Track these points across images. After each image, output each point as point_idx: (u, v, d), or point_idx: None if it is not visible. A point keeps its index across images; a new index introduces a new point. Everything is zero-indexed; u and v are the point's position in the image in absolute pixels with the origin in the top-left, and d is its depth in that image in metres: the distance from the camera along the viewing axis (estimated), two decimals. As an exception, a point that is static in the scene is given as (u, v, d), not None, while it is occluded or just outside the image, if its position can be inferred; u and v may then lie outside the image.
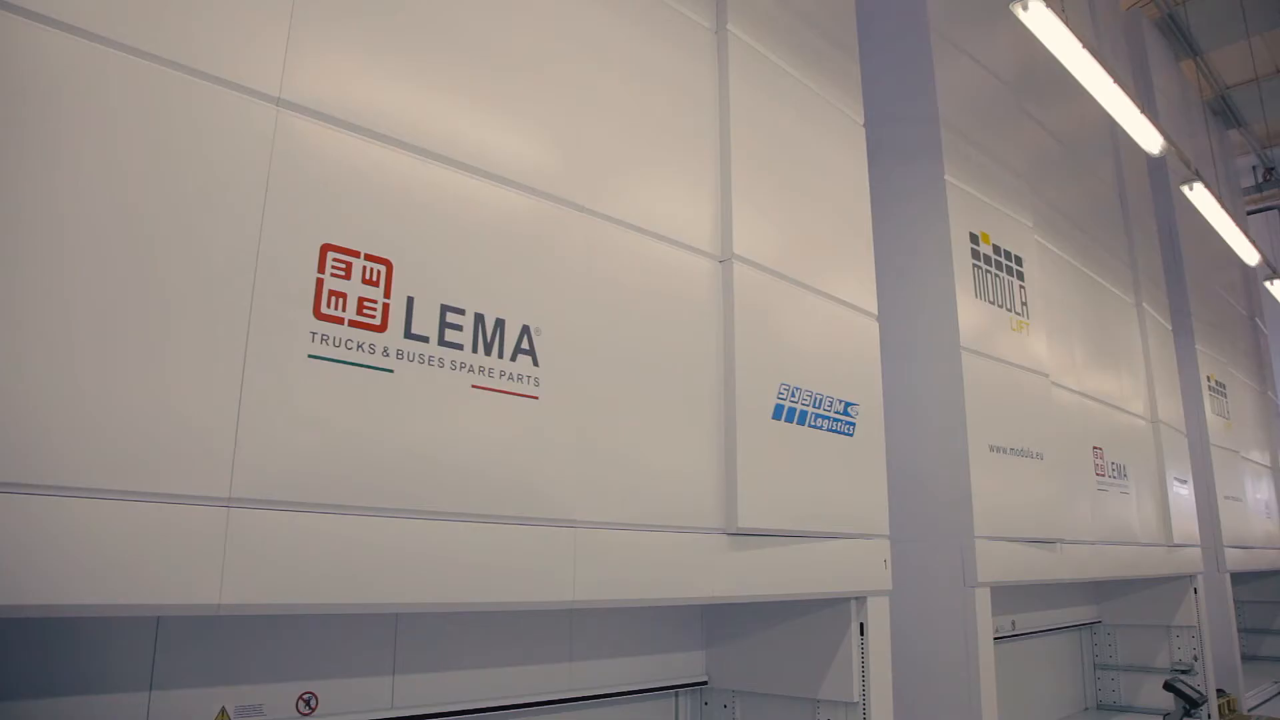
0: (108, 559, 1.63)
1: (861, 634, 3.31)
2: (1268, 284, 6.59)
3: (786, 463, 3.02)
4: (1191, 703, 5.68)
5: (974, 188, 4.59)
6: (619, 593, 2.51)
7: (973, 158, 4.67)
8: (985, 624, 4.01)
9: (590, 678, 3.33)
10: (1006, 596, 5.52)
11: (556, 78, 2.66)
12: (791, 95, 3.50)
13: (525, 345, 2.40)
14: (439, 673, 2.91)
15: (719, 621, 3.70)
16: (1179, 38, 9.80)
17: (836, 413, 3.26)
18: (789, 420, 3.04)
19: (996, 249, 4.62)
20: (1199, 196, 4.89)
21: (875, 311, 3.63)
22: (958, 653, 4.01)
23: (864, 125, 3.88)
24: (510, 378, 2.35)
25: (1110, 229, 6.55)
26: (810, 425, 3.14)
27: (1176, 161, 5.33)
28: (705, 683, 3.72)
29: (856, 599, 3.32)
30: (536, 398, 2.40)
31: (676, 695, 3.73)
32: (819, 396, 3.19)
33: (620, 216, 2.73)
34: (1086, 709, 6.75)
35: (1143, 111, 4.01)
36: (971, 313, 4.31)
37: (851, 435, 3.33)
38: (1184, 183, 4.82)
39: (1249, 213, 13.68)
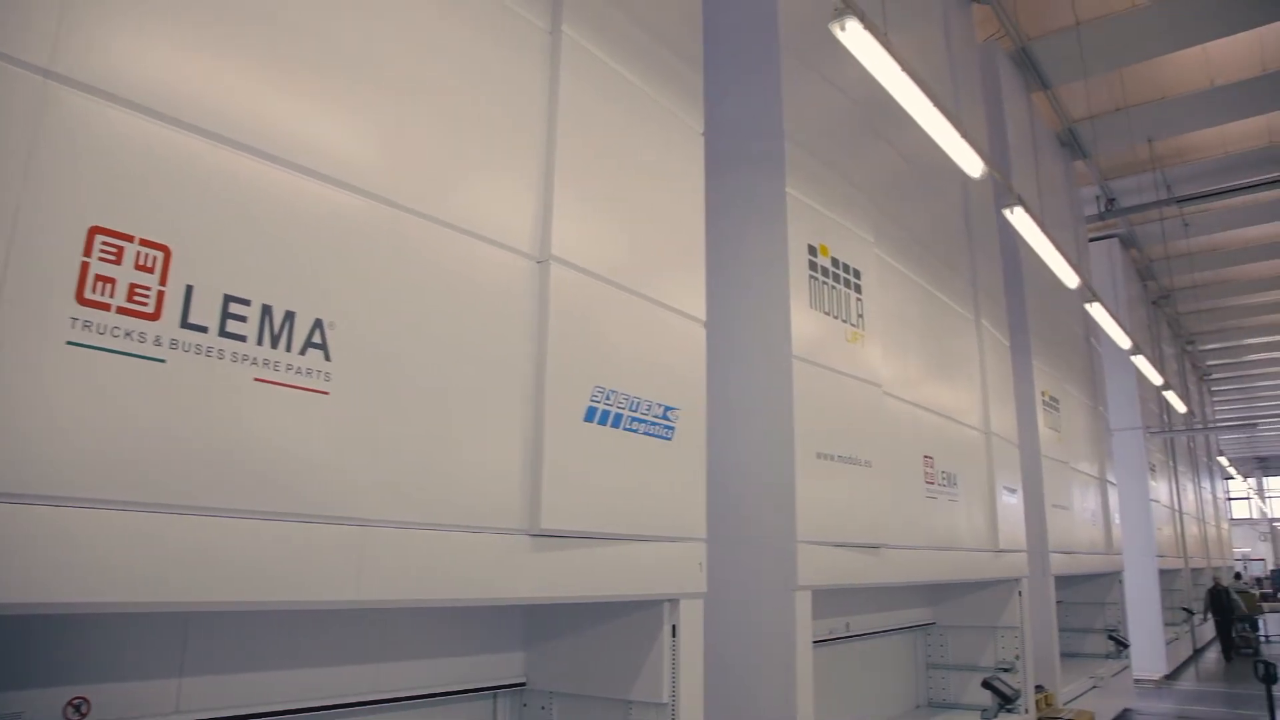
0: None
1: (674, 636, 3.35)
2: (1087, 306, 6.98)
3: (598, 465, 3.03)
4: (1006, 699, 6.00)
5: (816, 201, 4.71)
6: (410, 593, 2.47)
7: (816, 172, 4.80)
8: (805, 626, 4.12)
9: (402, 679, 3.28)
10: (841, 599, 5.71)
11: (375, 69, 2.60)
12: (627, 100, 3.52)
13: (317, 339, 2.34)
14: (233, 675, 2.81)
15: (539, 622, 3.69)
16: (1031, 71, 10.33)
17: (655, 417, 3.30)
18: (603, 423, 3.06)
19: (835, 261, 4.76)
20: (1019, 219, 5.15)
21: (703, 318, 3.68)
22: (779, 654, 4.11)
23: (703, 134, 3.94)
24: (298, 372, 2.29)
25: (954, 248, 6.84)
26: (626, 428, 3.16)
27: (1006, 186, 5.60)
28: (524, 684, 3.71)
29: (670, 601, 3.36)
30: (327, 393, 2.34)
31: (495, 696, 3.70)
32: (636, 400, 3.22)
33: (433, 213, 2.69)
34: (918, 706, 7.03)
35: (963, 136, 4.18)
36: (806, 322, 4.43)
37: (670, 439, 3.37)
38: (1005, 206, 5.05)
39: (1091, 239, 14.55)
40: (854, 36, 3.35)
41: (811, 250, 4.56)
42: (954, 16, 8.04)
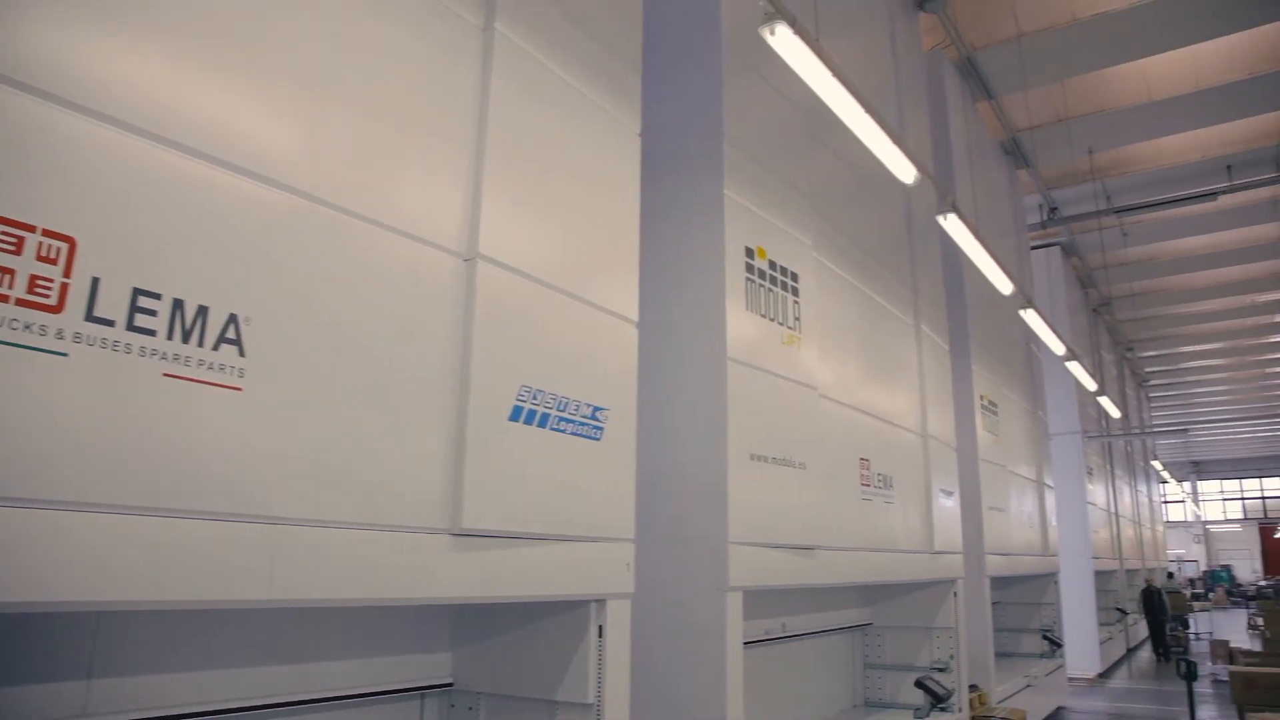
0: None
1: (600, 636, 3.35)
2: (1022, 313, 7.12)
3: (523, 465, 3.02)
4: (938, 698, 6.10)
5: (754, 203, 4.74)
6: (326, 592, 2.44)
7: (756, 175, 4.83)
8: (735, 627, 4.14)
9: (325, 679, 3.23)
10: (778, 599, 5.75)
11: (298, 63, 2.56)
12: (561, 99, 3.51)
13: (231, 335, 2.30)
14: (148, 675, 2.75)
15: (466, 623, 3.67)
16: (976, 80, 10.51)
17: (584, 417, 3.30)
18: (529, 422, 3.05)
19: (773, 264, 4.79)
20: (953, 226, 5.22)
21: (636, 318, 3.68)
22: (710, 655, 4.12)
23: (640, 134, 3.94)
24: (210, 367, 2.24)
25: (895, 253, 6.93)
26: (553, 428, 3.15)
27: (941, 192, 5.69)
28: (451, 684, 3.68)
29: (596, 602, 3.36)
30: (240, 389, 2.30)
31: (422, 697, 3.67)
32: (564, 400, 3.21)
33: (356, 209, 2.65)
34: (855, 706, 7.12)
35: (896, 143, 4.23)
36: (742, 325, 4.45)
37: (599, 439, 3.37)
38: (940, 213, 5.13)
39: (1034, 247, 14.86)
40: (784, 41, 3.36)
41: (749, 253, 4.59)
42: (900, 24, 8.15)
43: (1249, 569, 44.51)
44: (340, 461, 2.49)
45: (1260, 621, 18.70)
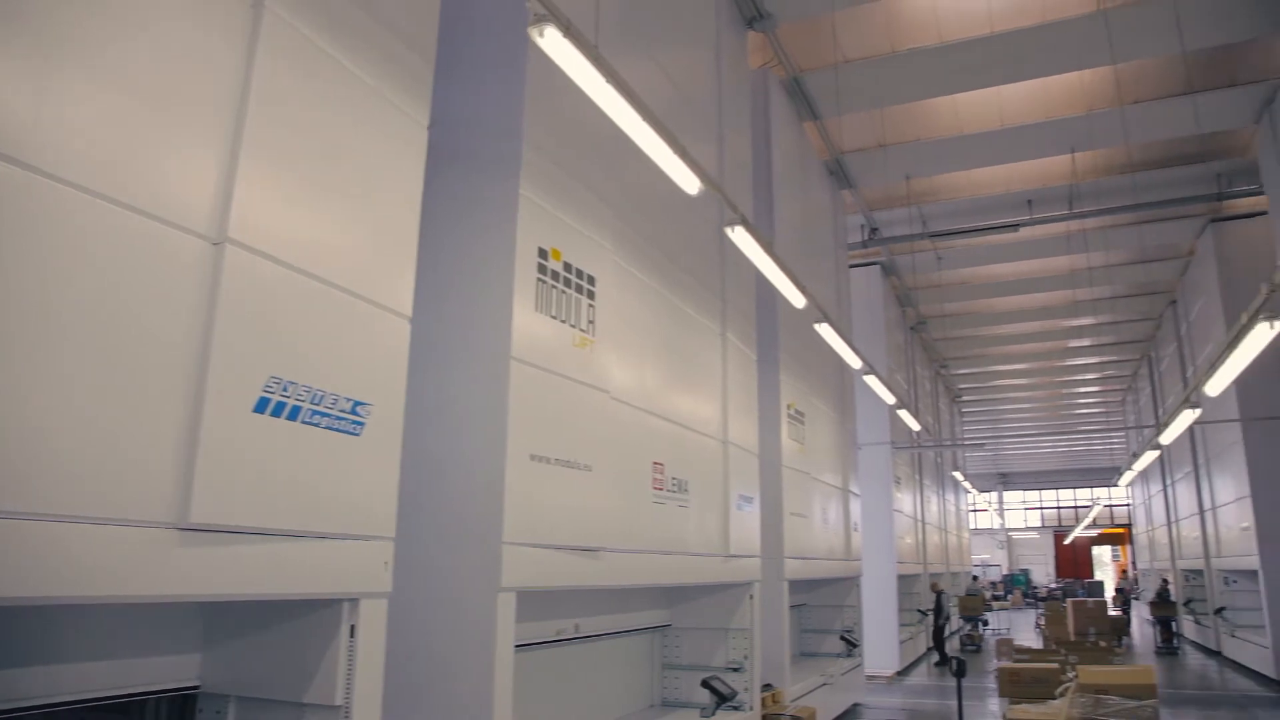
0: None
1: (352, 636, 3.27)
2: (816, 326, 7.45)
3: (269, 458, 2.90)
4: (723, 697, 6.29)
5: (552, 205, 4.75)
6: (27, 589, 2.26)
7: (557, 177, 4.84)
8: (507, 629, 4.13)
9: (55, 683, 3.01)
10: (572, 600, 5.78)
11: (28, 24, 2.37)
12: (339, 85, 3.40)
13: (-80, 310, 2.11)
14: None
15: (215, 623, 3.50)
16: (802, 101, 10.93)
17: (342, 411, 3.20)
18: (276, 414, 2.93)
19: (568, 266, 4.81)
20: (740, 238, 5.38)
21: (409, 313, 3.61)
22: (480, 657, 4.09)
23: (429, 128, 3.88)
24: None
25: (705, 263, 7.10)
26: (306, 421, 3.05)
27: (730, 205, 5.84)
28: (197, 687, 3.51)
29: (349, 601, 3.27)
30: (-80, 369, 2.11)
31: (161, 702, 3.48)
32: (320, 393, 3.11)
33: (90, 185, 2.47)
34: (652, 705, 7.24)
35: (679, 155, 4.33)
36: (529, 325, 4.45)
37: (359, 435, 3.28)
38: (727, 225, 5.29)
39: (855, 265, 15.58)
40: (554, 44, 3.37)
41: (542, 253, 4.59)
42: (727, 40, 8.37)
43: (1044, 573, 48.23)
44: (45, 450, 2.31)
45: (1043, 621, 20.25)
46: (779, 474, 8.66)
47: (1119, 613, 23.36)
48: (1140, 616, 27.47)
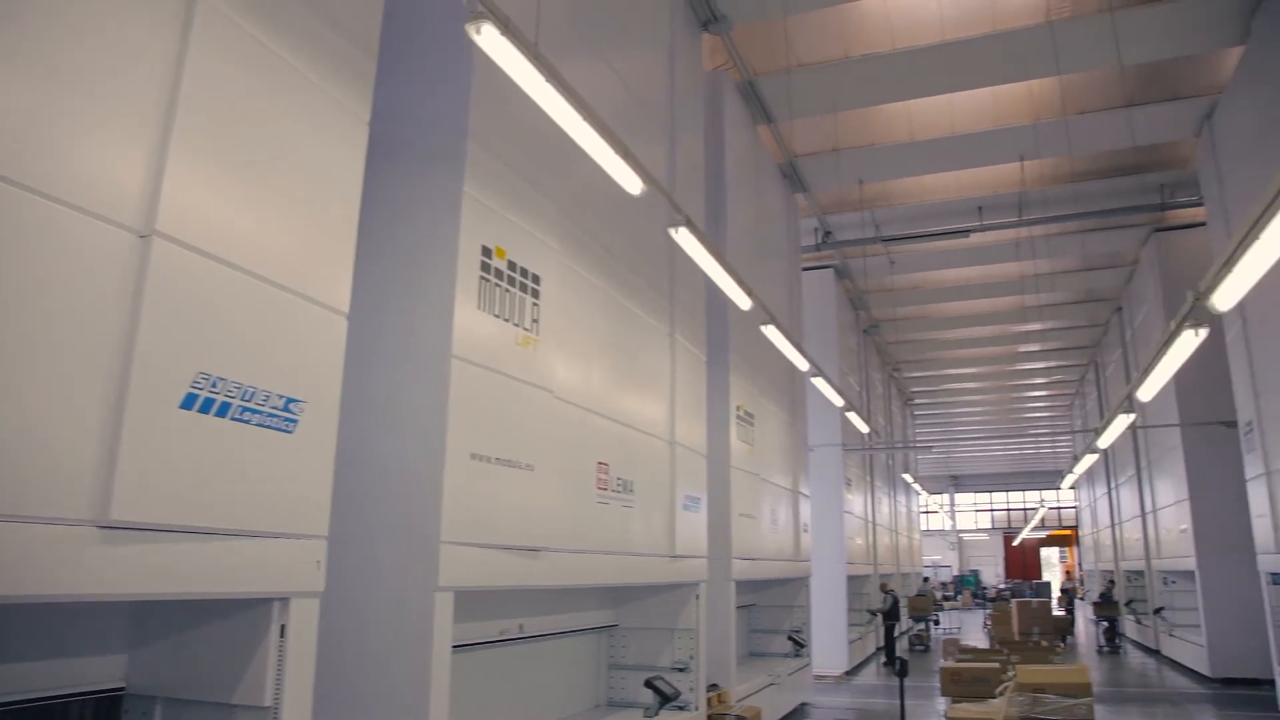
0: None
1: (282, 636, 3.23)
2: (763, 328, 7.51)
3: (196, 455, 2.85)
4: (666, 697, 6.30)
5: (497, 203, 4.73)
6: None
7: (503, 175, 4.82)
8: (444, 628, 4.10)
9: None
10: (516, 600, 5.76)
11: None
12: (277, 78, 3.36)
13: None
14: None
15: (143, 623, 3.44)
16: (757, 104, 11.00)
17: (274, 408, 3.17)
18: (205, 411, 2.89)
19: (512, 265, 4.80)
20: (684, 239, 5.40)
21: (346, 309, 3.58)
22: (417, 656, 4.06)
23: (370, 123, 3.84)
24: None
25: (654, 265, 7.12)
26: (235, 418, 3.01)
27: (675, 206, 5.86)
28: (123, 689, 3.44)
29: (280, 600, 3.23)
30: None
31: (86, 704, 3.41)
32: (252, 390, 3.07)
33: (10, 175, 2.42)
34: (598, 705, 7.24)
35: (625, 157, 4.33)
36: (471, 323, 4.43)
37: (292, 432, 3.24)
38: (671, 226, 5.31)
39: (810, 268, 15.72)
40: (492, 42, 3.36)
41: (486, 251, 4.57)
42: (681, 41, 8.39)
43: (994, 573, 49.02)
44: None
45: (990, 621, 20.57)
46: (727, 475, 8.70)
47: (1063, 613, 23.81)
48: (1085, 616, 28.04)
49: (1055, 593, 37.88)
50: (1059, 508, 47.80)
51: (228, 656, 3.27)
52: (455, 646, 4.83)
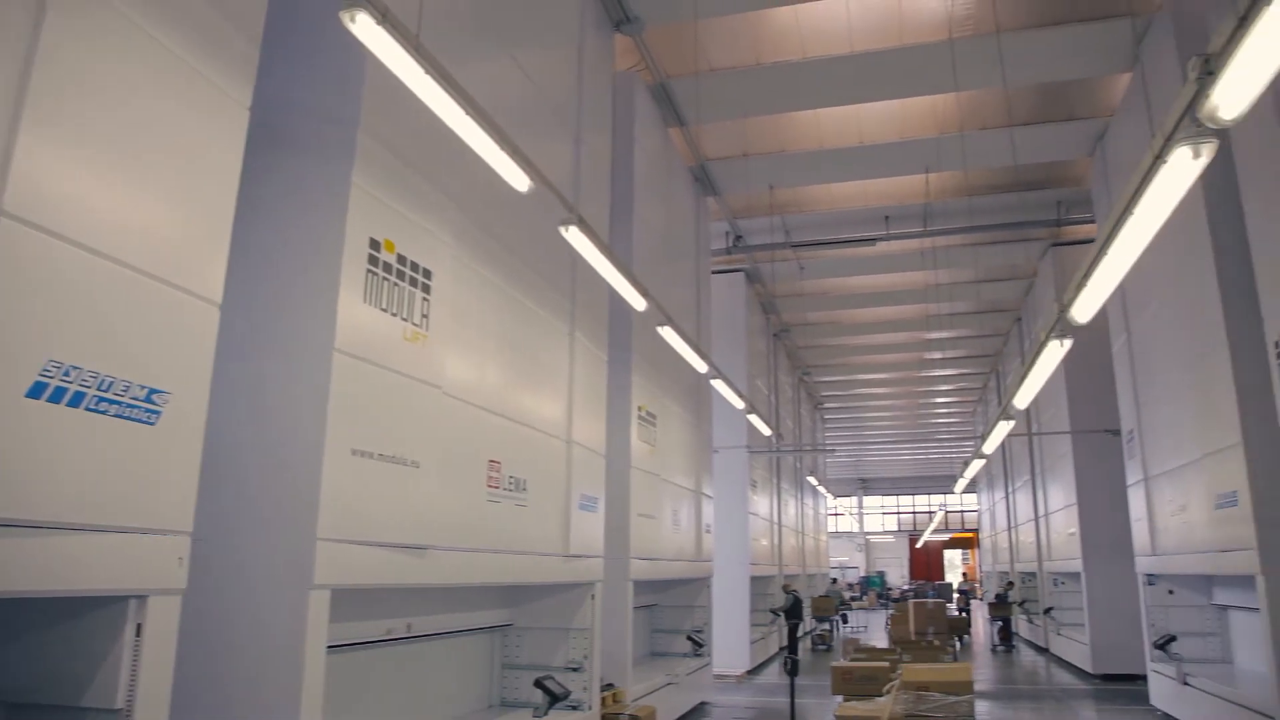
0: None
1: (138, 636, 3.12)
2: (659, 329, 7.56)
3: (43, 446, 2.73)
4: (555, 697, 6.29)
5: (388, 196, 4.66)
6: None
7: (395, 167, 4.75)
8: (318, 627, 4.02)
9: None
10: (404, 599, 5.67)
11: None
12: (144, 57, 3.23)
13: None
14: None
15: (-9, 622, 3.29)
16: (669, 106, 11.06)
17: (134, 399, 3.05)
18: (55, 400, 2.77)
19: (402, 259, 4.73)
20: (574, 238, 5.40)
21: (218, 299, 3.48)
22: (289, 655, 3.97)
23: (250, 109, 3.74)
24: None
25: (555, 263, 7.09)
26: (91, 409, 2.89)
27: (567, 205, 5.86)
28: (-37, 694, 3.28)
29: (136, 599, 3.12)
30: None
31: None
32: (109, 379, 2.96)
33: None
34: (490, 706, 7.18)
35: (511, 154, 4.30)
36: (356, 317, 4.35)
37: (153, 424, 3.13)
38: (561, 224, 5.31)
39: (721, 271, 15.88)
40: (367, 31, 3.30)
41: (374, 244, 4.49)
42: (592, 41, 8.39)
43: (899, 575, 50.31)
44: None
45: (890, 621, 21.07)
46: (627, 475, 8.72)
47: (960, 613, 24.54)
48: (982, 616, 28.97)
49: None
50: (961, 511, 49.31)
51: (78, 657, 3.14)
52: (337, 646, 4.75)
